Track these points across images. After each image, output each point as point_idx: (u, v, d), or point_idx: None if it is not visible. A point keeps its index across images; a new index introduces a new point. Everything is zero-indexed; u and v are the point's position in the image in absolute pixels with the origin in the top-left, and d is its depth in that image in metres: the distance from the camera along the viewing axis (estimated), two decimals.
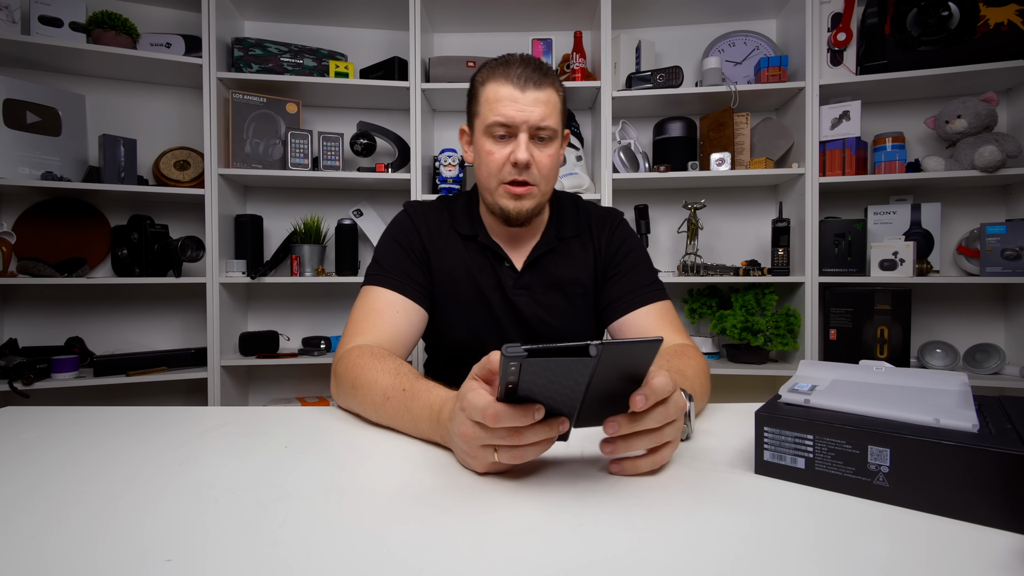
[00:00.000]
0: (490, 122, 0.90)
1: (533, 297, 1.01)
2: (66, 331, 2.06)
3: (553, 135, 0.92)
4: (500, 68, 0.91)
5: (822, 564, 0.38)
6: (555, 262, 1.02)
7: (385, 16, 2.19)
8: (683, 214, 2.24)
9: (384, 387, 0.71)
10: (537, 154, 0.91)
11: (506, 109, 0.89)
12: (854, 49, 1.95)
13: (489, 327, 1.01)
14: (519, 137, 0.89)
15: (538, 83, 0.89)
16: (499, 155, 0.91)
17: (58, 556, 0.39)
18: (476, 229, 1.02)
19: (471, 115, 0.98)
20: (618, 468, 0.54)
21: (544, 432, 0.50)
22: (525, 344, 0.44)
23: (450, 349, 1.06)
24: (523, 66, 0.90)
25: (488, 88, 0.91)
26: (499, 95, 0.89)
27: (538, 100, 0.89)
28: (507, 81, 0.89)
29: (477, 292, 1.01)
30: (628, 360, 0.48)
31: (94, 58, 1.92)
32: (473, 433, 0.51)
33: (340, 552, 0.40)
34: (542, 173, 0.92)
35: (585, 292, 1.03)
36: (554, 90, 0.92)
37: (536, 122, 0.89)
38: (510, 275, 1.01)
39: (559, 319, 1.02)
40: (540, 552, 0.40)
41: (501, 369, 0.46)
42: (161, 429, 0.70)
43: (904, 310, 1.85)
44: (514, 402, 0.49)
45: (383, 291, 0.94)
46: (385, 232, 1.04)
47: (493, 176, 0.93)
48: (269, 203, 2.26)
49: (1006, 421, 0.50)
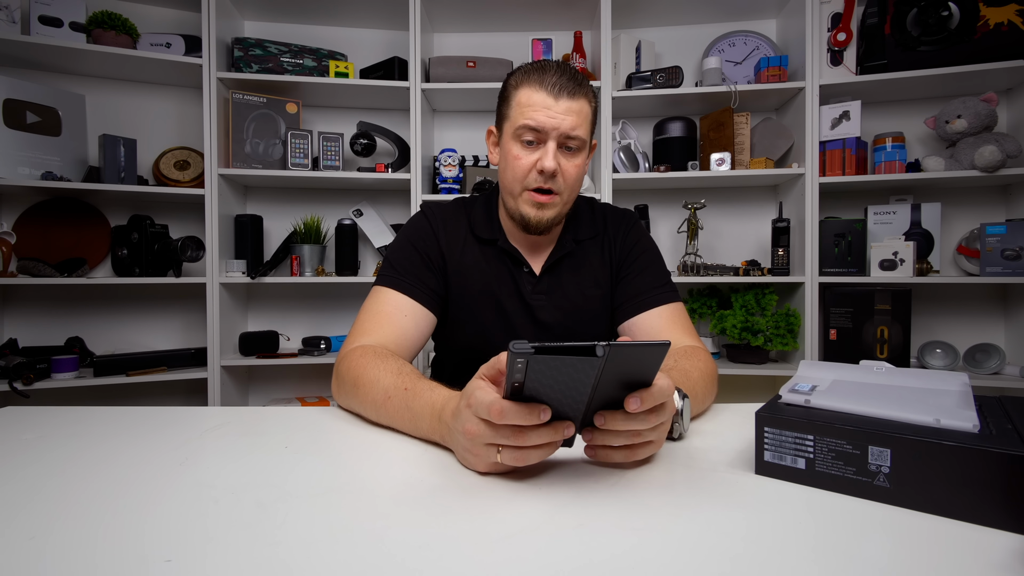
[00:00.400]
0: (520, 126, 0.89)
1: (552, 302, 1.01)
2: (66, 331, 2.06)
3: (582, 145, 0.92)
4: (535, 73, 0.90)
5: (822, 564, 0.38)
6: (573, 266, 1.02)
7: (385, 16, 2.19)
8: (683, 214, 2.24)
9: (386, 386, 0.71)
10: (564, 163, 0.90)
11: (538, 115, 0.88)
12: (854, 49, 1.95)
13: (504, 332, 1.01)
14: (548, 145, 0.89)
15: (572, 92, 0.88)
16: (526, 161, 0.90)
17: (58, 556, 0.39)
18: (496, 233, 1.01)
19: (500, 117, 0.97)
20: (592, 453, 0.55)
21: (549, 435, 0.50)
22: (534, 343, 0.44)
23: (461, 352, 1.05)
24: (559, 74, 0.89)
25: (521, 92, 0.90)
26: (532, 100, 0.88)
27: (571, 109, 0.88)
28: (541, 87, 0.88)
29: (493, 297, 1.00)
30: (635, 363, 0.48)
31: (94, 58, 1.92)
32: (478, 430, 0.51)
33: (340, 552, 0.40)
34: (567, 183, 0.92)
35: (604, 294, 1.03)
36: (587, 101, 0.91)
37: (567, 131, 0.88)
38: (529, 280, 1.01)
39: (579, 323, 1.01)
40: (540, 552, 0.40)
41: (508, 366, 0.46)
42: (161, 429, 0.70)
43: (904, 310, 1.85)
44: (521, 401, 0.49)
45: (393, 293, 0.93)
46: (401, 232, 1.03)
47: (518, 181, 0.92)
48: (269, 203, 2.26)
49: (1006, 421, 0.50)
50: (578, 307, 1.01)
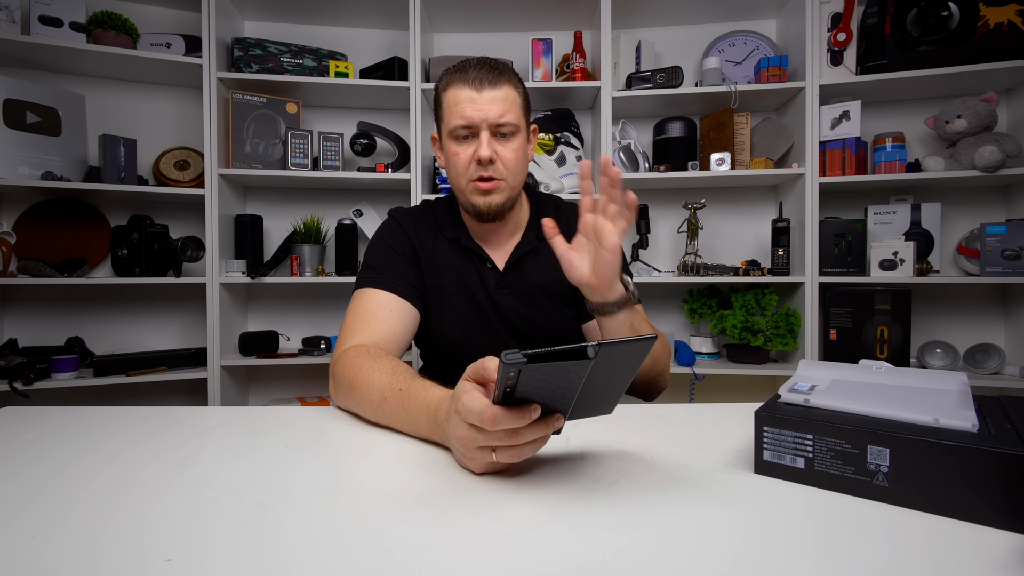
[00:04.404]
0: (452, 125, 0.94)
1: (515, 297, 1.04)
2: (66, 331, 2.06)
3: (515, 130, 0.96)
4: (458, 73, 0.95)
5: (821, 564, 0.38)
6: (535, 263, 1.05)
7: (385, 16, 2.19)
8: (683, 214, 2.24)
9: (381, 387, 0.72)
10: (500, 149, 0.95)
11: (465, 110, 0.92)
12: (854, 49, 1.95)
13: (479, 326, 1.04)
14: (481, 135, 0.93)
15: (493, 82, 0.93)
16: (464, 155, 0.95)
17: (58, 556, 0.39)
18: (459, 232, 1.05)
19: (437, 121, 1.02)
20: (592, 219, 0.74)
21: (540, 430, 0.51)
22: (523, 349, 0.44)
23: (443, 348, 1.07)
24: (478, 68, 0.94)
25: (448, 93, 0.95)
26: (458, 98, 0.93)
27: (495, 99, 0.93)
28: (464, 84, 0.93)
29: (466, 292, 1.03)
30: (623, 356, 0.49)
31: (94, 58, 1.92)
32: (469, 436, 0.52)
33: (340, 552, 0.40)
34: (507, 167, 0.96)
35: (564, 291, 1.05)
36: (511, 86, 0.96)
37: (495, 119, 0.93)
38: (492, 276, 1.04)
39: (542, 318, 1.05)
40: (539, 552, 0.40)
41: (499, 374, 0.46)
42: (161, 429, 0.70)
43: (904, 310, 1.85)
44: (511, 404, 0.49)
45: (376, 292, 0.96)
46: (374, 238, 1.07)
47: (462, 175, 0.97)
48: (269, 203, 2.26)
49: (1006, 421, 0.50)
50: (540, 303, 1.04)
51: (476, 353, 0.56)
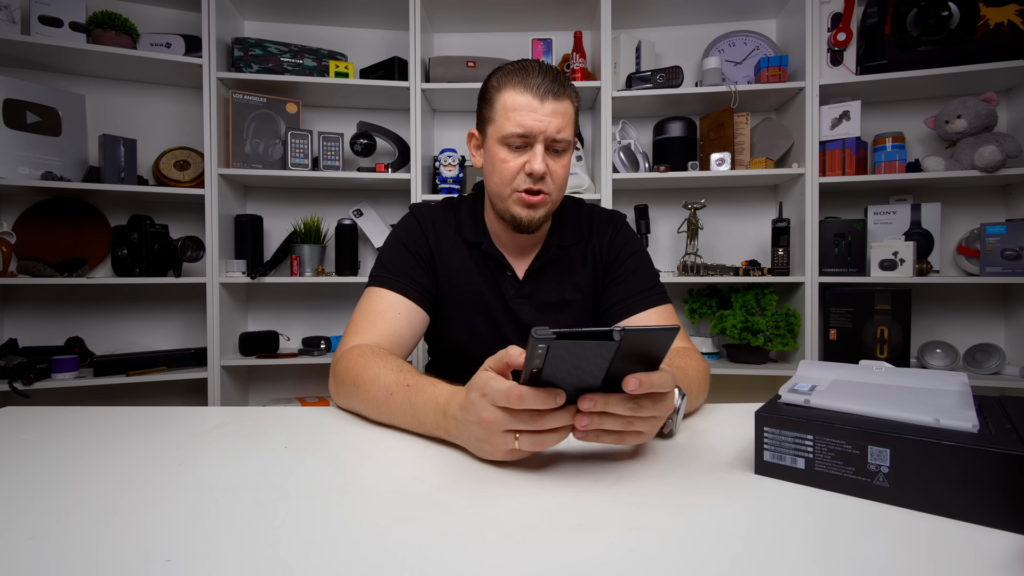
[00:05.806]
0: (507, 132, 0.88)
1: (534, 306, 1.01)
2: (66, 331, 2.06)
3: (567, 146, 0.92)
4: (518, 75, 0.89)
5: (821, 564, 0.38)
6: (556, 272, 1.03)
7: (385, 16, 2.19)
8: (683, 214, 2.24)
9: (387, 383, 0.71)
10: (552, 164, 0.90)
11: (524, 119, 0.87)
12: (854, 49, 1.95)
13: (491, 333, 1.02)
14: (535, 148, 0.88)
15: (557, 94, 0.88)
16: (514, 164, 0.90)
17: (58, 556, 0.39)
18: (480, 236, 1.02)
19: (483, 120, 0.95)
20: (581, 435, 0.54)
21: (565, 418, 0.52)
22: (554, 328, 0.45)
23: (452, 351, 1.06)
24: (542, 75, 0.88)
25: (506, 95, 0.89)
26: (517, 104, 0.87)
27: (556, 111, 0.88)
28: (526, 90, 0.87)
29: (480, 298, 1.01)
30: (646, 347, 0.50)
31: (94, 58, 1.92)
32: (495, 418, 0.52)
33: (340, 552, 0.40)
34: (556, 183, 0.92)
35: (585, 298, 1.03)
36: (571, 101, 0.91)
37: (553, 133, 0.88)
38: (511, 284, 1.01)
39: (560, 326, 1.02)
40: (540, 551, 0.40)
41: (528, 352, 0.48)
42: (161, 429, 0.70)
43: (904, 310, 1.85)
44: (537, 387, 0.51)
45: (386, 292, 0.94)
46: (391, 234, 1.04)
47: (507, 184, 0.92)
48: (269, 203, 2.26)
49: (1006, 421, 0.50)
50: (559, 312, 1.02)
51: (484, 359, 0.56)
